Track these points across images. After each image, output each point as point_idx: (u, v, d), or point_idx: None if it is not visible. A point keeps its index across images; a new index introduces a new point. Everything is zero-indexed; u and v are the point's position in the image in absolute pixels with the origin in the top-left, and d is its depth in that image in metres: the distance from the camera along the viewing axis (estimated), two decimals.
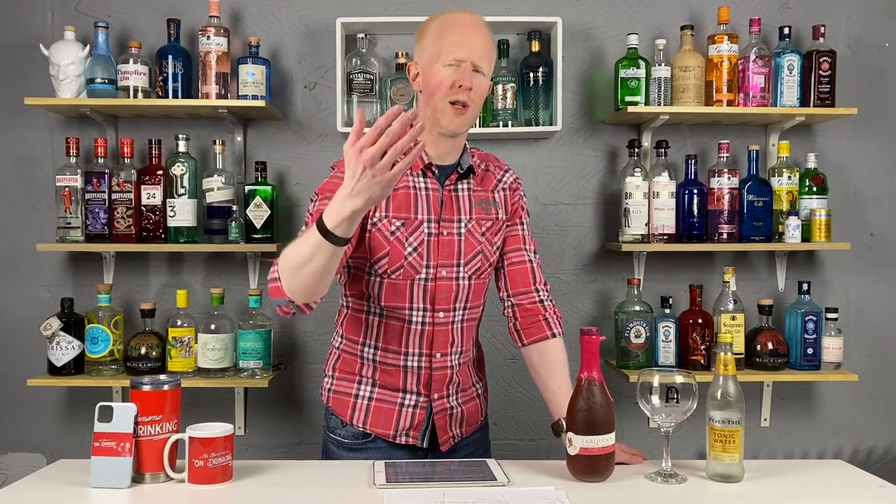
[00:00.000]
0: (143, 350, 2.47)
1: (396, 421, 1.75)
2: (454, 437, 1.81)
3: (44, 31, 2.64)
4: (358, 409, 1.76)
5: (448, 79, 1.63)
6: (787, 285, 2.73)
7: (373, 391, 1.76)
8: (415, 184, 1.70)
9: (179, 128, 2.63)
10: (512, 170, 1.86)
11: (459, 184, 1.74)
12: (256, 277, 2.68)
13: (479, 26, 1.69)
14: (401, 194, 1.69)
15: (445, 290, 1.71)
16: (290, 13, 2.69)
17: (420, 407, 1.76)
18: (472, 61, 1.64)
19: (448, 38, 1.65)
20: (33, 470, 1.71)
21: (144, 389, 1.51)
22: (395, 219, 1.67)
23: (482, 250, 1.74)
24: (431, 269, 1.69)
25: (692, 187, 2.56)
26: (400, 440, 1.76)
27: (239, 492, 1.49)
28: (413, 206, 1.69)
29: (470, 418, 1.84)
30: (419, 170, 1.70)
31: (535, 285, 1.79)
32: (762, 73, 2.53)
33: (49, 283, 2.69)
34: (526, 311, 1.78)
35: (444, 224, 1.71)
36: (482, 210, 1.75)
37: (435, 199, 1.71)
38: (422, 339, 1.72)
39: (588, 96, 2.72)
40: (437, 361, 1.74)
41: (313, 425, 2.72)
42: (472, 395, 1.86)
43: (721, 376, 1.54)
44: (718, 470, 1.53)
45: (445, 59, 1.64)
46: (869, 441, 2.80)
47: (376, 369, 1.76)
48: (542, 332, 1.75)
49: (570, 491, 1.46)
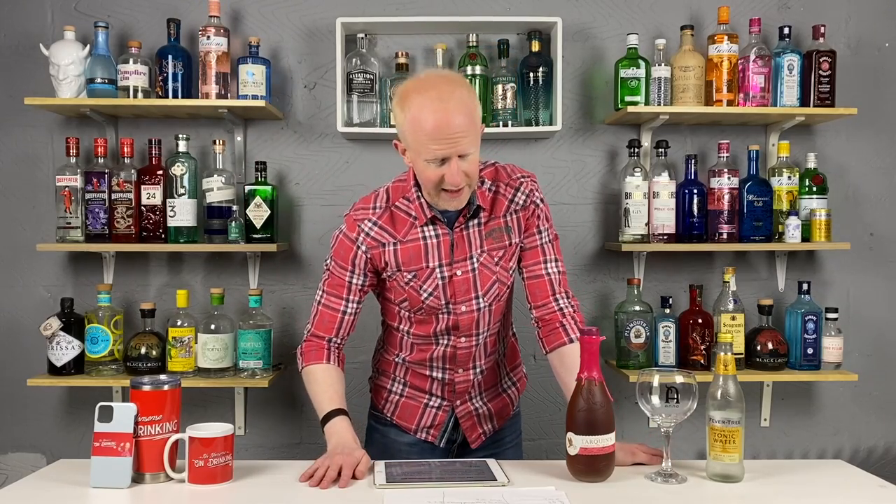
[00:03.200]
0: (143, 350, 2.47)
1: (419, 418, 1.88)
2: (485, 433, 1.90)
3: (44, 31, 2.64)
4: (389, 402, 1.91)
5: (435, 175, 1.60)
6: (787, 285, 2.73)
7: (403, 389, 1.89)
8: (424, 234, 1.73)
9: (179, 128, 2.63)
10: (526, 182, 1.78)
11: (469, 223, 1.75)
12: (256, 277, 2.68)
13: (456, 108, 1.56)
14: (411, 247, 1.73)
15: (467, 321, 1.78)
16: (290, 13, 2.69)
17: (442, 409, 1.87)
18: (457, 153, 1.58)
19: (426, 136, 1.57)
20: (33, 470, 1.72)
21: (144, 389, 1.51)
22: (407, 272, 1.74)
23: (497, 279, 1.77)
24: (451, 306, 1.76)
25: (692, 187, 2.56)
26: (420, 436, 1.88)
27: (239, 492, 1.49)
28: (424, 256, 1.73)
29: (499, 413, 1.92)
30: (422, 223, 1.72)
31: (553, 295, 1.80)
32: (762, 73, 2.53)
33: (49, 283, 2.69)
34: (546, 321, 1.80)
35: (457, 265, 1.74)
36: (493, 241, 1.76)
37: (446, 243, 1.74)
38: (445, 359, 1.82)
39: (588, 96, 2.72)
40: (459, 376, 1.84)
41: (313, 425, 2.72)
42: (499, 392, 1.93)
43: (721, 376, 1.54)
44: (718, 470, 1.53)
45: (427, 156, 1.59)
46: (869, 441, 2.80)
47: (407, 371, 1.87)
48: (560, 339, 1.77)
49: (570, 491, 1.46)
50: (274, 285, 2.70)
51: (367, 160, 2.69)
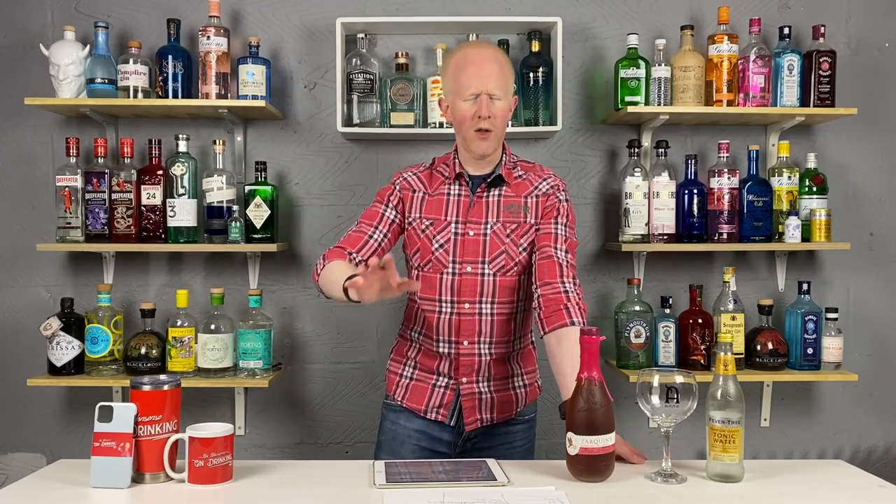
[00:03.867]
0: (143, 350, 2.47)
1: (428, 398, 1.96)
2: (483, 420, 1.95)
3: (44, 31, 2.64)
4: (400, 387, 2.00)
5: (469, 111, 1.85)
6: (787, 285, 2.73)
7: (413, 372, 1.99)
8: (449, 190, 1.94)
9: (179, 128, 2.63)
10: (553, 178, 1.97)
11: (490, 191, 1.92)
12: (256, 277, 2.68)
13: (489, 57, 1.86)
14: (435, 199, 1.94)
15: (470, 284, 1.89)
16: (290, 13, 2.69)
17: (450, 388, 1.94)
18: (487, 91, 1.82)
19: (463, 76, 1.85)
20: (33, 470, 1.72)
21: (144, 389, 1.51)
22: (426, 219, 1.93)
23: (506, 250, 1.89)
24: (457, 265, 1.89)
25: (692, 187, 2.57)
26: (430, 416, 1.95)
27: (239, 492, 1.49)
28: (444, 209, 1.92)
29: (501, 406, 1.96)
30: (453, 178, 1.93)
31: (561, 277, 1.83)
32: (762, 73, 2.53)
33: (49, 283, 2.69)
34: (550, 300, 1.80)
35: (471, 225, 1.90)
36: (510, 214, 1.91)
37: (465, 203, 1.92)
38: (450, 327, 1.90)
39: (588, 96, 2.72)
40: (463, 349, 1.91)
41: (313, 425, 2.72)
42: (508, 386, 1.97)
43: (721, 376, 1.54)
44: (718, 470, 1.53)
45: (464, 94, 1.84)
46: (869, 441, 2.80)
47: (420, 351, 1.98)
48: (562, 320, 1.76)
49: (569, 491, 1.47)
50: (274, 285, 2.70)
51: (367, 160, 2.69)
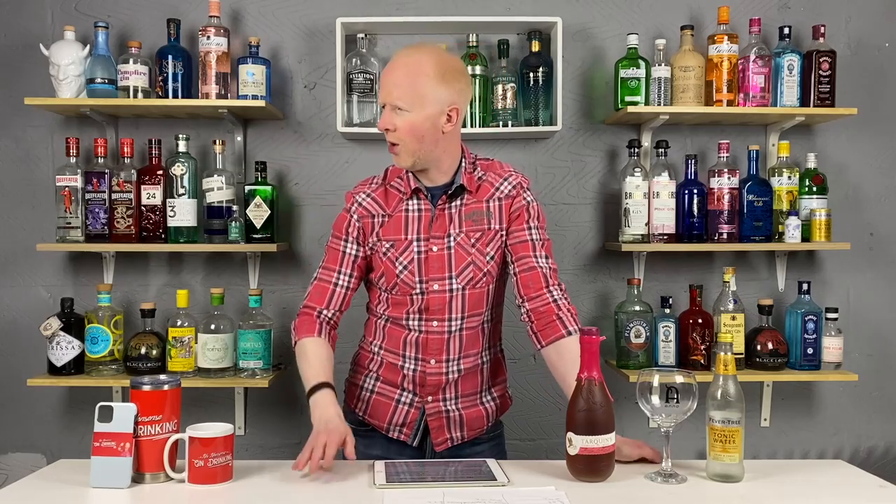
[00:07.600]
0: (143, 350, 2.47)
1: (391, 415, 1.86)
2: (453, 439, 1.87)
3: (44, 31, 2.64)
4: (361, 400, 1.89)
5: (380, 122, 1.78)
6: (787, 285, 2.73)
7: (375, 384, 1.88)
8: (407, 206, 1.82)
9: (179, 128, 2.63)
10: (514, 175, 1.86)
11: (451, 202, 1.81)
12: (256, 277, 2.68)
13: (401, 66, 1.74)
14: (394, 219, 1.82)
15: (438, 301, 1.79)
16: (290, 13, 2.69)
17: (414, 406, 1.85)
18: (390, 102, 1.73)
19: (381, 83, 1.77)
20: (33, 470, 1.72)
21: (144, 389, 1.51)
22: (385, 241, 1.81)
23: (473, 261, 1.80)
24: (424, 284, 1.79)
25: (692, 187, 2.56)
26: (392, 434, 1.86)
27: (239, 492, 1.49)
28: (403, 228, 1.81)
29: (471, 423, 1.87)
30: (408, 197, 1.81)
31: (547, 287, 1.78)
32: (762, 73, 2.53)
33: (49, 283, 2.69)
34: (540, 313, 1.77)
35: (434, 241, 1.80)
36: (472, 222, 1.81)
37: (426, 218, 1.81)
38: (417, 345, 1.82)
39: (588, 96, 2.72)
40: (430, 367, 1.82)
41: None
42: (476, 402, 1.88)
43: (721, 376, 1.54)
44: (718, 470, 1.53)
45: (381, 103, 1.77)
46: (869, 441, 2.80)
47: (381, 364, 1.87)
48: (558, 332, 1.75)
49: (569, 491, 1.46)
50: (274, 285, 2.70)
51: (367, 160, 2.69)
